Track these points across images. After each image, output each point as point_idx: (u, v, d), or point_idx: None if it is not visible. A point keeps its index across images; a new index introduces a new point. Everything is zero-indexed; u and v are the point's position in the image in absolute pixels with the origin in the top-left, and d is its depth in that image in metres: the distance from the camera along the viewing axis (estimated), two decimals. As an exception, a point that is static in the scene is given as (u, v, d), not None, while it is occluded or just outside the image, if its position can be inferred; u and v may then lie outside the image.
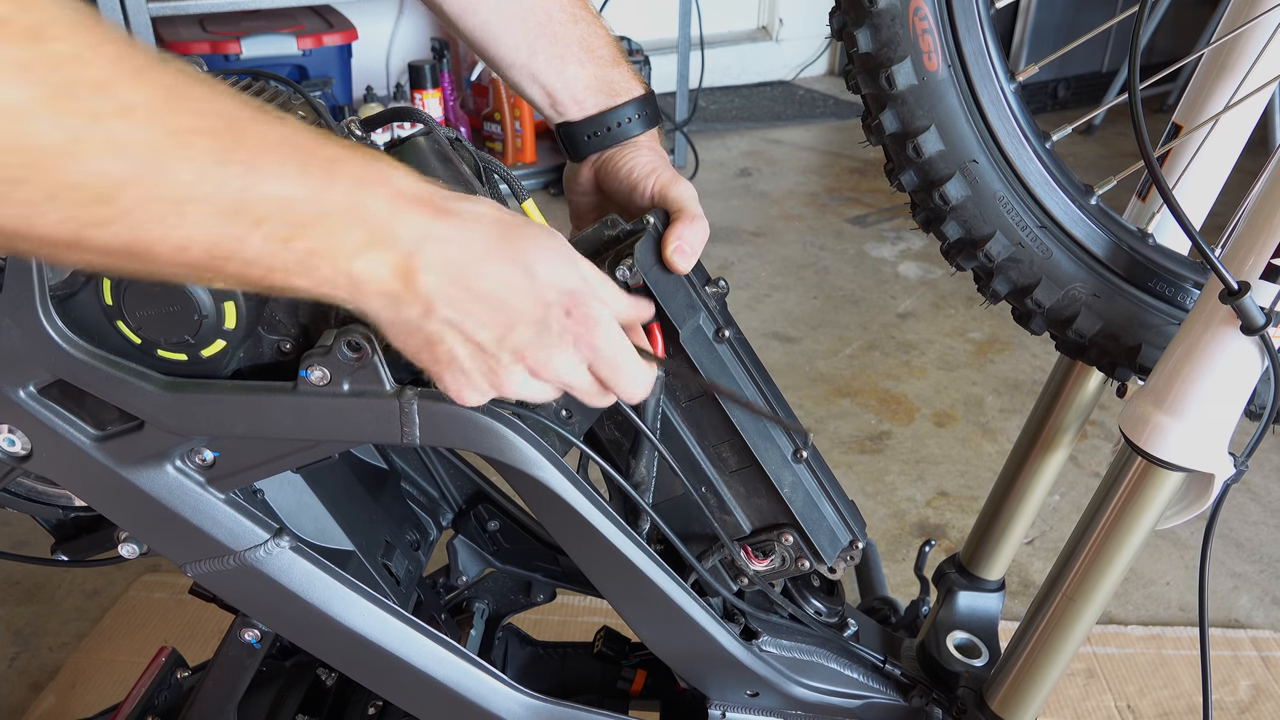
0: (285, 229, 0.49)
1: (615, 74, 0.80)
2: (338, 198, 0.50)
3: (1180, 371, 0.73)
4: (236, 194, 0.47)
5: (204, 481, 0.68)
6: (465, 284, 0.56)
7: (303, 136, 0.50)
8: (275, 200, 0.48)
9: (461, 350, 0.58)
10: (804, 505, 0.80)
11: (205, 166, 0.45)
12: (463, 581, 1.01)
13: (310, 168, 0.50)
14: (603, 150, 0.81)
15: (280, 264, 0.50)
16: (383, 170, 0.53)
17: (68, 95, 0.41)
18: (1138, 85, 0.71)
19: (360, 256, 0.52)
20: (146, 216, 0.45)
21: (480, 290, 0.56)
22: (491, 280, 0.56)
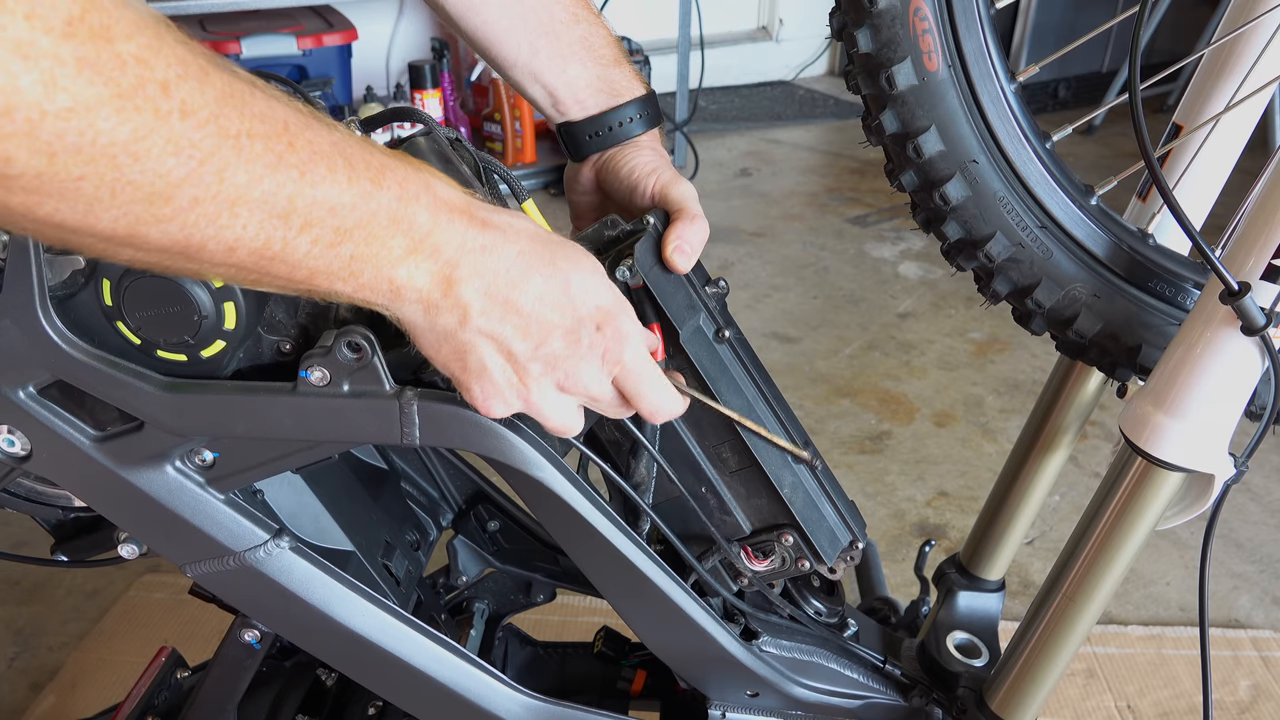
0: (331, 234, 0.50)
1: (617, 74, 0.80)
2: (383, 205, 0.52)
3: (1180, 372, 0.73)
4: (287, 198, 0.48)
5: (204, 482, 0.68)
6: (503, 296, 0.57)
7: (352, 144, 0.52)
8: (324, 205, 0.49)
9: (493, 361, 0.59)
10: (804, 506, 0.80)
11: (259, 170, 0.46)
12: (463, 581, 1.01)
13: (358, 175, 0.51)
14: (604, 150, 0.81)
15: (324, 267, 0.51)
16: (426, 179, 0.55)
17: (133, 95, 0.41)
18: (1138, 85, 0.71)
19: (402, 264, 0.54)
20: (200, 216, 0.46)
21: (518, 303, 0.58)
22: (529, 293, 0.58)
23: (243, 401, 0.64)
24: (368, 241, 0.52)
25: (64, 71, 0.39)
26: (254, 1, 2.69)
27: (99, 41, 0.40)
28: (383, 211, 0.52)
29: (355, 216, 0.51)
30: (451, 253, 0.55)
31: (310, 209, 0.49)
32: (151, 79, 0.42)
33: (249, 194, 0.46)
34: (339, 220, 0.50)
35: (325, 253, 0.51)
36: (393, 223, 0.53)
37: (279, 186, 0.47)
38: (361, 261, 0.52)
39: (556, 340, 0.60)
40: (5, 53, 0.37)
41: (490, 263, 0.57)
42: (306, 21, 2.87)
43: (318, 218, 0.49)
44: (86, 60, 0.40)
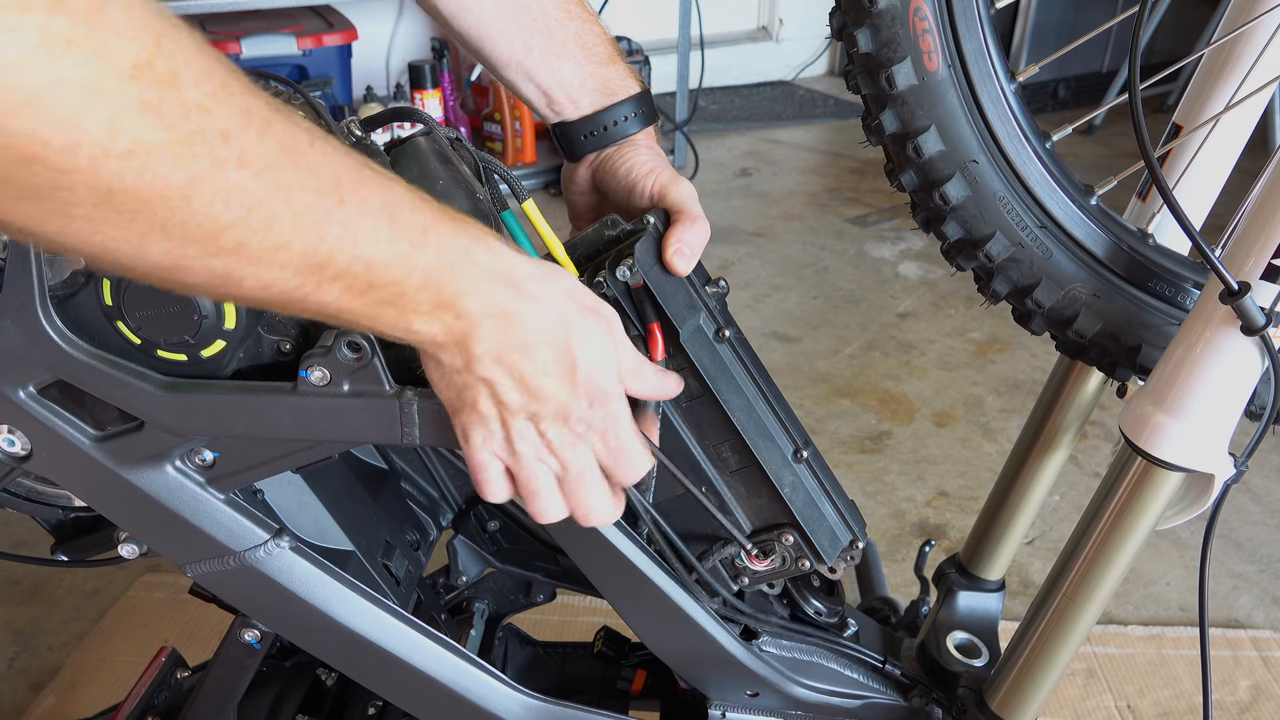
0: (363, 285, 0.52)
1: (611, 72, 0.80)
2: (418, 268, 0.54)
3: (1180, 372, 0.73)
4: (328, 251, 0.50)
5: (204, 482, 0.68)
6: (510, 362, 0.59)
7: (402, 201, 0.53)
8: (361, 262, 0.51)
9: (486, 405, 0.61)
10: (804, 505, 0.80)
11: (305, 223, 0.48)
12: (463, 581, 1.01)
13: (399, 235, 0.53)
14: (600, 150, 0.81)
15: (350, 309, 0.53)
16: (466, 244, 0.57)
17: (194, 142, 0.42)
18: (1138, 85, 0.71)
19: (424, 316, 0.56)
20: (243, 258, 0.47)
21: (522, 371, 0.60)
22: (536, 366, 0.60)
23: (243, 401, 0.64)
24: (396, 297, 0.54)
25: (128, 115, 0.40)
26: (254, 1, 2.69)
27: (164, 87, 0.41)
28: (416, 273, 0.54)
29: (389, 275, 0.53)
30: (474, 317, 0.57)
31: (348, 264, 0.51)
32: (212, 127, 0.43)
33: (292, 244, 0.48)
34: (372, 276, 0.52)
35: (352, 299, 0.53)
36: (424, 285, 0.54)
37: (322, 240, 0.49)
38: (385, 307, 0.54)
39: (549, 406, 0.62)
40: (74, 91, 0.38)
41: (510, 331, 0.59)
42: (306, 21, 2.87)
43: (353, 272, 0.51)
44: (150, 105, 0.40)
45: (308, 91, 0.73)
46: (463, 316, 0.57)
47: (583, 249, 0.77)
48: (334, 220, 0.49)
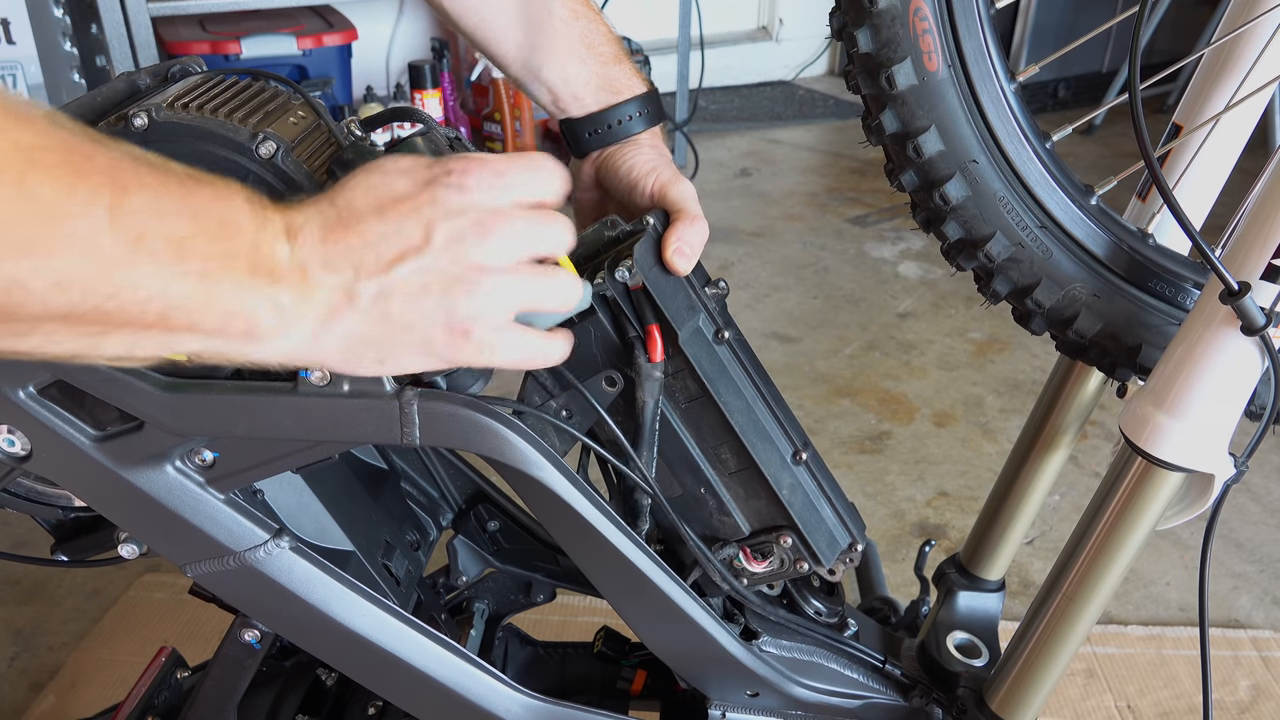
0: (167, 244, 0.45)
1: (617, 71, 0.80)
2: (205, 208, 0.47)
3: (1180, 372, 0.73)
4: (106, 206, 0.43)
5: (204, 482, 0.68)
6: (344, 225, 0.52)
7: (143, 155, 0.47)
8: (147, 211, 0.44)
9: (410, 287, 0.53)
10: (803, 507, 0.80)
11: (65, 179, 0.41)
12: (463, 581, 1.01)
13: (168, 179, 0.47)
14: (603, 148, 0.81)
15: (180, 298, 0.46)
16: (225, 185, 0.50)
17: None
18: (1138, 85, 0.71)
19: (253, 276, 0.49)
20: (13, 242, 0.40)
21: (361, 215, 0.52)
22: (361, 198, 0.53)
23: (242, 401, 0.64)
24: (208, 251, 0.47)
25: None
26: (254, 1, 2.69)
27: None
28: (206, 213, 0.47)
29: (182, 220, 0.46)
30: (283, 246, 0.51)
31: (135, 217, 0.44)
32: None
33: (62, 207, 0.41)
34: (169, 227, 0.45)
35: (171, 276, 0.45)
36: (220, 224, 0.48)
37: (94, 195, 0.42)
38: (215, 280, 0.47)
39: (425, 207, 0.53)
40: None
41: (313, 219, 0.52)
42: (306, 21, 2.87)
43: (146, 226, 0.45)
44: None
45: (308, 91, 0.73)
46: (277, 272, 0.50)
47: (582, 249, 0.77)
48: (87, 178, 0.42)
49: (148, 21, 2.49)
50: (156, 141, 0.64)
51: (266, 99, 0.69)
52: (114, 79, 0.72)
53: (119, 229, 0.43)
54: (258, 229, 0.49)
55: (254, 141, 0.64)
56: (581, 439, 0.74)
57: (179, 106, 0.64)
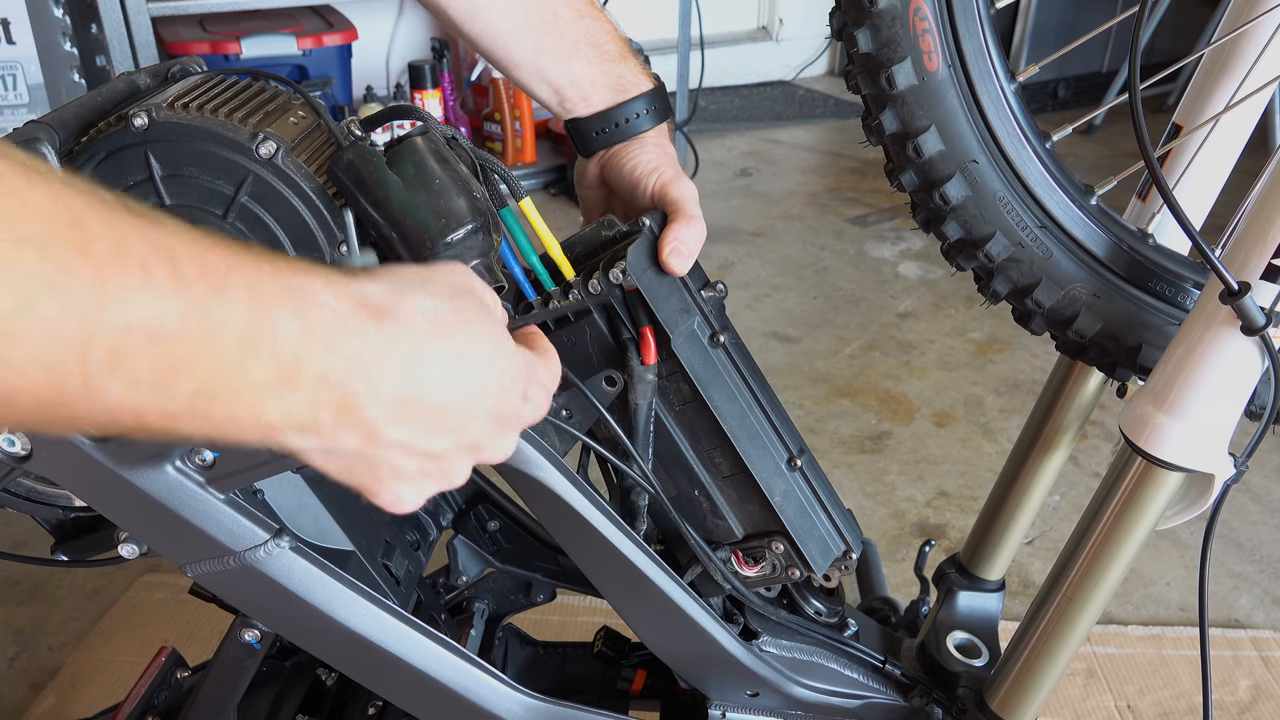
0: (155, 368, 0.37)
1: (623, 69, 0.80)
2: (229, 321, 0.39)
3: (1180, 372, 0.73)
4: (80, 327, 0.35)
5: (204, 482, 0.68)
6: (415, 401, 0.47)
7: (183, 242, 0.39)
8: (137, 333, 0.36)
9: (409, 464, 0.50)
10: (795, 514, 0.80)
11: (30, 294, 0.34)
12: (463, 581, 1.01)
13: (188, 279, 0.38)
14: (609, 146, 0.81)
15: (155, 408, 0.38)
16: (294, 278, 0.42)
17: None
18: (1138, 85, 0.71)
19: (273, 398, 0.42)
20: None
21: (433, 401, 0.48)
22: (444, 385, 0.48)
23: (243, 401, 0.64)
24: (214, 374, 0.39)
25: None
26: (254, 1, 2.69)
27: None
28: (229, 331, 0.39)
29: (187, 345, 0.38)
30: (341, 373, 0.43)
31: (119, 338, 0.36)
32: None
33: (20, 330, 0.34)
34: (164, 349, 0.37)
35: (153, 394, 0.38)
36: (245, 345, 0.39)
37: (64, 308, 0.34)
38: (210, 399, 0.40)
39: (480, 423, 0.51)
40: None
41: (390, 369, 0.45)
42: (306, 21, 2.87)
43: (132, 348, 0.36)
44: None
45: (308, 91, 0.73)
46: (327, 380, 0.43)
47: (580, 249, 0.77)
48: (77, 276, 0.35)
49: (148, 21, 2.49)
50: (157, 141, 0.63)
51: (266, 99, 0.69)
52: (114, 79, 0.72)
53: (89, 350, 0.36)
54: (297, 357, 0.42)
55: (254, 141, 0.64)
56: (581, 439, 0.74)
57: (179, 106, 0.64)
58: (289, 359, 0.41)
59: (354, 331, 0.44)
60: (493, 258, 0.68)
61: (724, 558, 0.82)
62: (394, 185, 0.64)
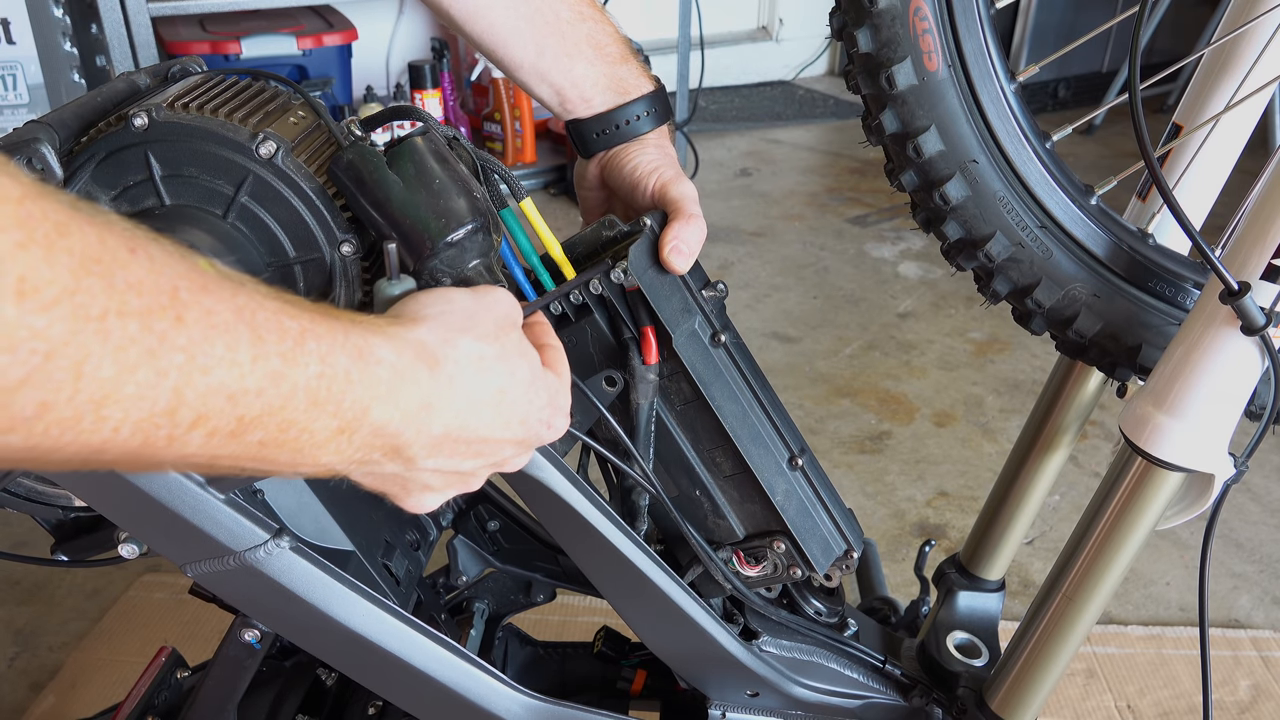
0: (233, 424, 0.41)
1: (624, 71, 0.80)
2: (300, 386, 0.43)
3: (1180, 372, 0.73)
4: (172, 389, 0.38)
5: (204, 481, 0.68)
6: (454, 441, 0.53)
7: (263, 307, 0.42)
8: (221, 394, 0.39)
9: (439, 480, 0.56)
10: (797, 513, 0.80)
11: (132, 359, 0.36)
12: (463, 581, 1.01)
13: (267, 350, 0.41)
14: (609, 148, 0.81)
15: (227, 454, 0.42)
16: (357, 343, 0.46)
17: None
18: (1138, 85, 0.71)
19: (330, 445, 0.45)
20: (51, 424, 0.35)
21: (470, 438, 0.54)
22: (483, 425, 0.54)
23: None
24: (282, 428, 0.43)
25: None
26: (254, 1, 2.69)
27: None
28: (300, 393, 0.43)
29: (263, 403, 0.41)
30: (396, 425, 0.48)
31: (203, 400, 0.39)
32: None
33: (118, 392, 0.36)
34: (242, 409, 0.40)
35: (226, 443, 0.41)
36: (314, 405, 0.43)
37: (160, 377, 0.37)
38: (277, 447, 0.43)
39: (510, 449, 0.58)
40: None
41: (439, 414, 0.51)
42: (306, 21, 2.87)
43: (214, 408, 0.40)
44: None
45: (308, 91, 0.73)
46: (381, 431, 0.47)
47: (581, 249, 0.77)
48: (172, 347, 0.37)
49: (148, 21, 2.49)
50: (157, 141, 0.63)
51: (266, 99, 0.69)
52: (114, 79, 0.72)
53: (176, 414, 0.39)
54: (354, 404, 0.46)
55: (254, 141, 0.64)
56: (582, 438, 0.74)
57: (179, 106, 0.64)
58: (351, 415, 0.45)
59: (410, 381, 0.49)
60: (493, 258, 0.68)
61: (725, 558, 0.82)
62: (394, 185, 0.64)
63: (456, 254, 0.64)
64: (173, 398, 0.38)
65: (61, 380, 0.34)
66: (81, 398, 0.35)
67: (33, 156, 0.60)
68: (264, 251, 0.66)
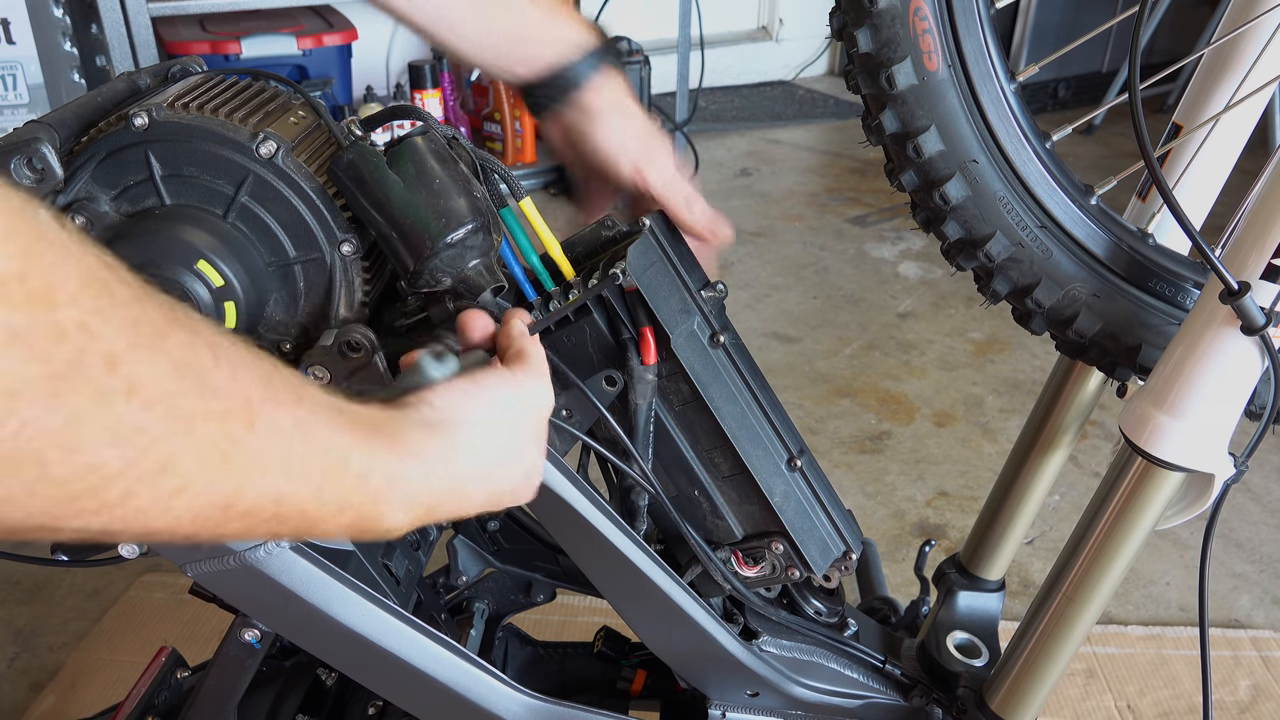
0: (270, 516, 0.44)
1: (557, 23, 0.77)
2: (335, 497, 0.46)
3: (1180, 371, 0.73)
4: (234, 488, 0.40)
5: (204, 481, 0.68)
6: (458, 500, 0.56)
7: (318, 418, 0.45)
8: (270, 496, 0.43)
9: None
10: (795, 514, 0.80)
11: (208, 460, 0.39)
12: (463, 581, 1.01)
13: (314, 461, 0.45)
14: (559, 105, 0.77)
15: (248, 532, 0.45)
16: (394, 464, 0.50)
17: (71, 374, 0.33)
18: (1138, 85, 0.71)
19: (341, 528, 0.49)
20: (130, 510, 0.37)
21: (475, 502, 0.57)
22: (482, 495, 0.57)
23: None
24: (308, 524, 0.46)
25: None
26: (254, 1, 2.69)
27: (34, 308, 0.31)
28: (332, 503, 0.46)
29: (300, 506, 0.44)
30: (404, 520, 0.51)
31: (256, 499, 0.42)
32: (94, 351, 0.33)
33: (191, 485, 0.38)
34: (281, 509, 0.44)
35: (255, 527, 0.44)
36: (340, 512, 0.47)
37: (227, 477, 0.40)
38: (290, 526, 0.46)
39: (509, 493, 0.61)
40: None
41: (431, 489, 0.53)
42: (306, 21, 2.87)
43: (261, 507, 0.42)
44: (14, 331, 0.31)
45: (308, 91, 0.73)
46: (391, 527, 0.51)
47: (580, 248, 0.78)
48: (243, 451, 0.40)
49: (148, 21, 2.49)
50: (157, 141, 0.64)
51: (266, 99, 0.69)
52: (114, 79, 0.72)
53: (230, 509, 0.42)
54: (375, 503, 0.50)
55: (254, 141, 0.64)
56: (581, 438, 0.74)
57: (179, 106, 0.64)
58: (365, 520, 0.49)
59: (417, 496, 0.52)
60: (493, 258, 0.68)
61: (724, 558, 0.82)
62: (394, 185, 0.64)
63: (456, 254, 0.64)
64: (233, 494, 0.40)
65: (150, 473, 0.36)
66: (161, 489, 0.37)
67: (33, 156, 0.60)
68: (264, 251, 0.66)
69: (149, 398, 0.36)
